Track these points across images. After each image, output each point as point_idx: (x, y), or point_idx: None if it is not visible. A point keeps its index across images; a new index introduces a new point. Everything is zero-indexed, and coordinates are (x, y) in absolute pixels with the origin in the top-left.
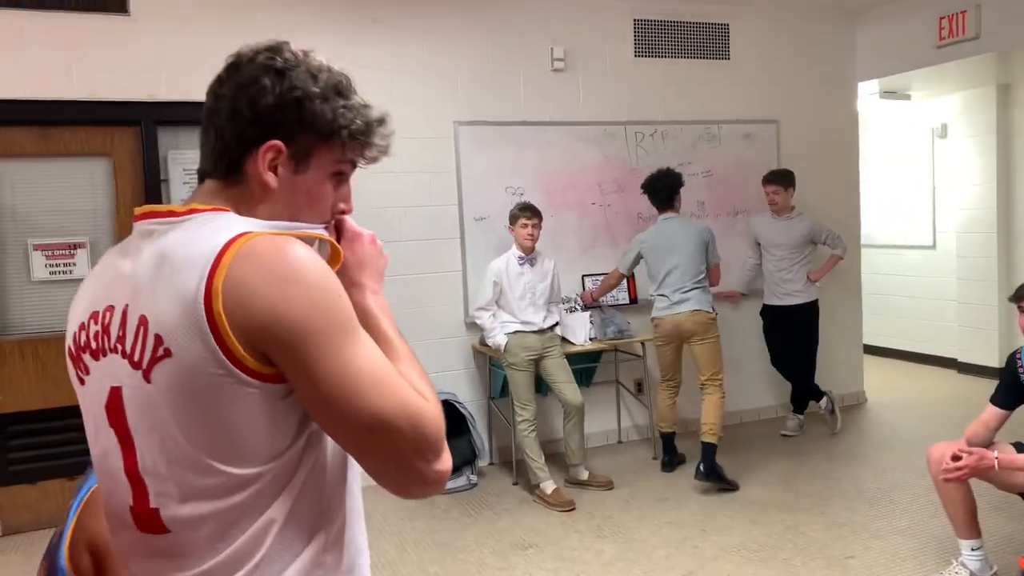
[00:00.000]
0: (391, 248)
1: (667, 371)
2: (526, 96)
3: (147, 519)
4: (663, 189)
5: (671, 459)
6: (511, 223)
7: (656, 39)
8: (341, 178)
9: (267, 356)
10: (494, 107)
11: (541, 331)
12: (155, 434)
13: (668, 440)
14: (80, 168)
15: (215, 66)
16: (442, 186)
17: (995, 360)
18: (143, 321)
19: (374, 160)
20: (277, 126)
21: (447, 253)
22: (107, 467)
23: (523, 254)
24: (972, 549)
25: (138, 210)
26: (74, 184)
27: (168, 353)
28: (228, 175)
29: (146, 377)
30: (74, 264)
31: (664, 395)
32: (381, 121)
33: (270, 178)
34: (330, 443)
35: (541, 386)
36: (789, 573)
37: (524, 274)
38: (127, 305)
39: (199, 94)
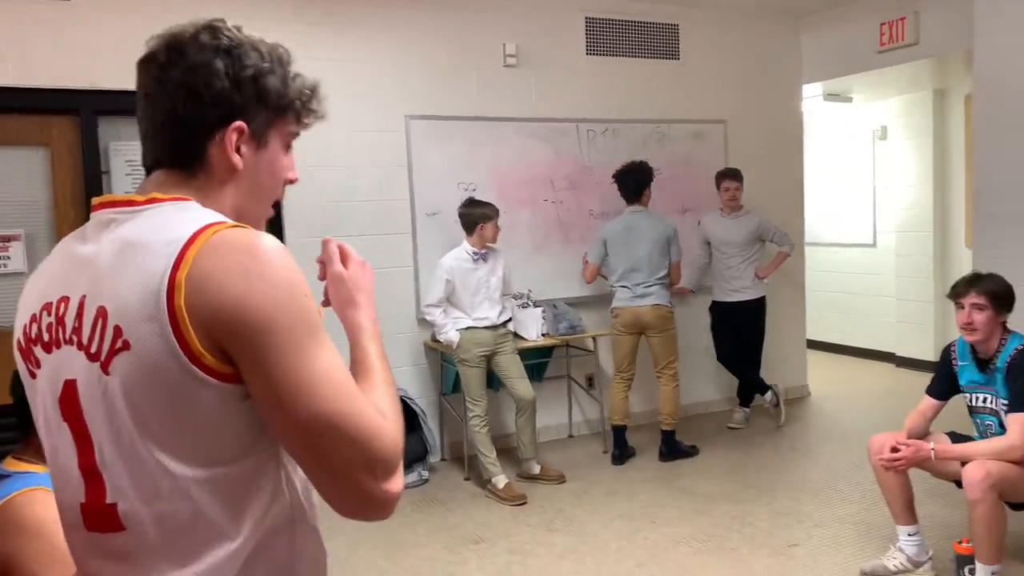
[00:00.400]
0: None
1: (622, 362)
2: (479, 92)
3: (102, 515)
4: (632, 181)
5: (622, 452)
6: (481, 221)
7: (607, 38)
8: (289, 148)
9: (226, 352)
10: (447, 102)
11: (494, 327)
12: (111, 426)
13: (619, 433)
14: (15, 158)
15: None
16: (393, 181)
17: (931, 354)
18: (102, 312)
19: (308, 126)
20: (236, 106)
21: (398, 248)
22: (59, 463)
23: (477, 249)
24: (909, 535)
25: (95, 200)
26: (9, 174)
27: (127, 345)
28: (188, 162)
29: (104, 369)
30: (8, 257)
31: (618, 388)
32: (317, 86)
33: (237, 160)
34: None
35: (493, 381)
36: (736, 562)
37: (478, 269)
38: (84, 295)
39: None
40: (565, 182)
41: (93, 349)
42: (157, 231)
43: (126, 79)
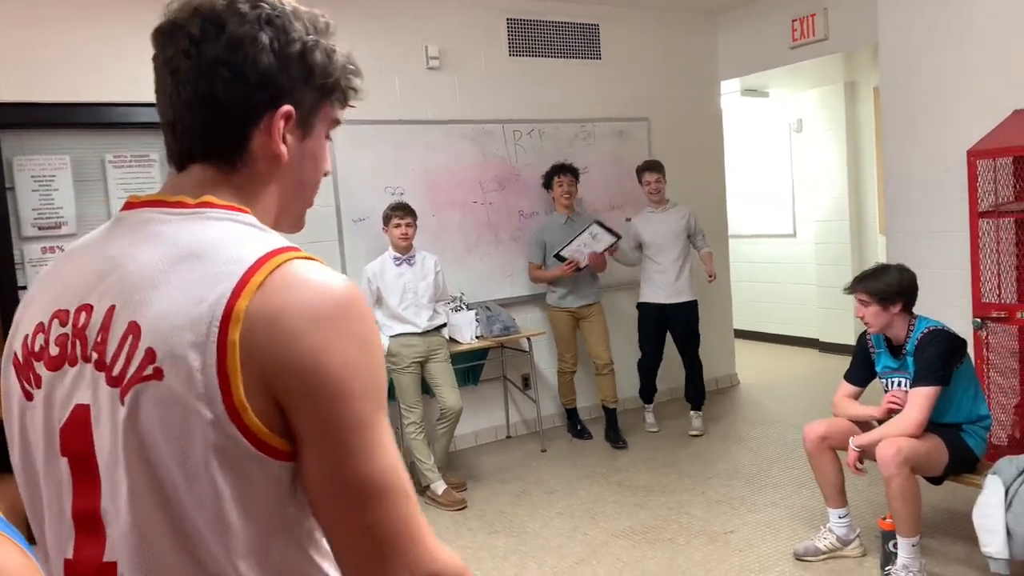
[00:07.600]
0: None
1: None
2: (403, 95)
3: (94, 574)
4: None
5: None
6: (384, 224)
7: (529, 39)
8: (330, 136)
9: (278, 407)
10: (370, 106)
11: (426, 332)
12: (123, 468)
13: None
14: None
15: (61, 64)
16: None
17: (852, 339)
18: (133, 328)
19: (350, 107)
20: (282, 88)
21: (325, 256)
22: (40, 507)
23: (399, 254)
24: (840, 517)
25: (133, 198)
26: None
27: (158, 374)
28: (229, 155)
29: (121, 398)
30: None
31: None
32: (354, 58)
33: (283, 150)
34: None
35: (428, 387)
36: (674, 552)
37: (403, 274)
38: (113, 305)
39: (44, 95)
40: (494, 183)
41: (116, 371)
42: (214, 245)
43: (30, 90)
